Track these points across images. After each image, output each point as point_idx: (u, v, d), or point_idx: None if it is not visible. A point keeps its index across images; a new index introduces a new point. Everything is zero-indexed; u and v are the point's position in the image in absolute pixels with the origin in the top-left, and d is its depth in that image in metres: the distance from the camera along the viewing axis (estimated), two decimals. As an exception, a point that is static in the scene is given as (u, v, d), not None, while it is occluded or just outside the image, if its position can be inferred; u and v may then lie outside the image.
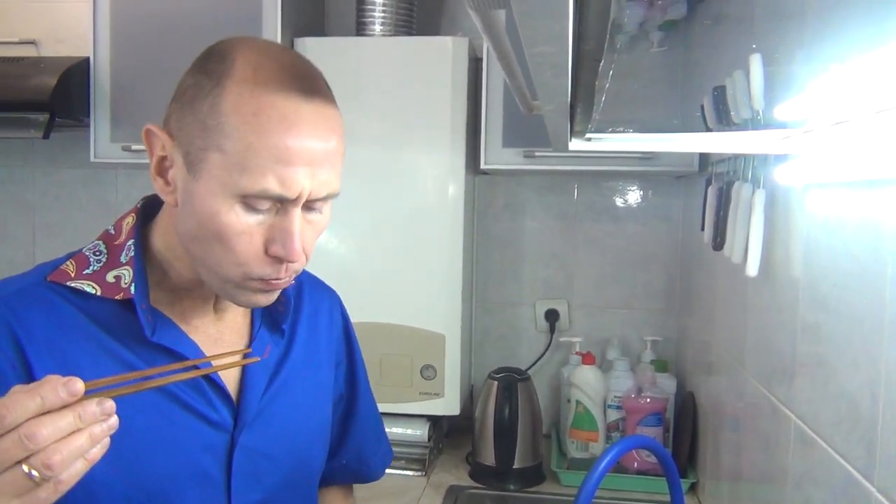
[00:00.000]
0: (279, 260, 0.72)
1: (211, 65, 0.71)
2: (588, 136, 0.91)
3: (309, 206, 0.73)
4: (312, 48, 1.74)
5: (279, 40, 1.69)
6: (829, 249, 0.90)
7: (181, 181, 0.72)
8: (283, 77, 0.69)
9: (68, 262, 0.77)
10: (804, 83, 0.96)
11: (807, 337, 0.95)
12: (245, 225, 0.70)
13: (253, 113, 0.67)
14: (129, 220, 0.79)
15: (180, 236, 0.75)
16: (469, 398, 1.93)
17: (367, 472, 1.06)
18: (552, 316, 1.97)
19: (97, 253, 0.77)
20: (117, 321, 0.74)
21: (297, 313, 0.91)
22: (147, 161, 0.75)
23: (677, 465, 1.13)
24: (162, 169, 0.74)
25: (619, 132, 0.96)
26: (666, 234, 1.94)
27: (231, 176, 0.68)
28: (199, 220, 0.70)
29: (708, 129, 1.30)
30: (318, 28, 2.00)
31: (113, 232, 0.79)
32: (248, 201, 0.69)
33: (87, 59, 1.79)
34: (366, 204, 1.70)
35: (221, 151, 0.68)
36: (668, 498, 1.53)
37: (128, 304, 0.74)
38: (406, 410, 1.70)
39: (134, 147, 1.78)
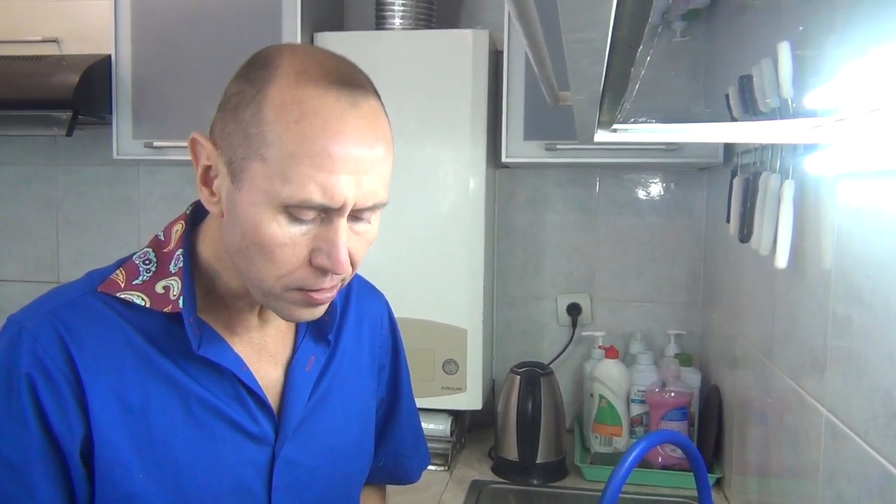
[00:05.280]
0: (323, 271, 0.70)
1: (254, 72, 0.70)
2: (615, 127, 0.90)
3: (356, 215, 0.71)
4: (331, 43, 1.73)
5: (298, 35, 1.69)
6: (862, 240, 0.88)
7: (225, 191, 0.71)
8: (326, 83, 0.67)
9: (118, 272, 0.76)
10: (835, 70, 0.94)
11: (838, 330, 0.93)
12: (288, 236, 0.68)
13: (295, 120, 0.66)
14: (179, 228, 0.78)
15: (226, 247, 0.74)
16: (491, 393, 1.92)
17: (404, 475, 1.06)
18: (574, 310, 1.96)
19: (146, 262, 0.77)
20: (164, 333, 0.74)
21: (343, 319, 0.90)
22: (169, 158, 0.74)
23: (703, 460, 1.12)
24: (207, 179, 0.73)
25: (644, 122, 0.94)
26: (689, 226, 1.92)
27: (273, 185, 0.66)
28: (243, 231, 0.69)
29: (733, 119, 1.28)
30: (337, 23, 2.00)
31: (163, 238, 0.78)
32: (292, 211, 0.67)
33: (109, 57, 1.80)
34: (390, 201, 1.69)
35: (263, 160, 0.67)
36: (692, 493, 1.51)
37: (175, 316, 0.74)
38: (428, 405, 1.70)
39: (156, 144, 1.78)
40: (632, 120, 0.91)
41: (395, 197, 1.67)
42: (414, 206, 1.71)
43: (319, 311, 0.76)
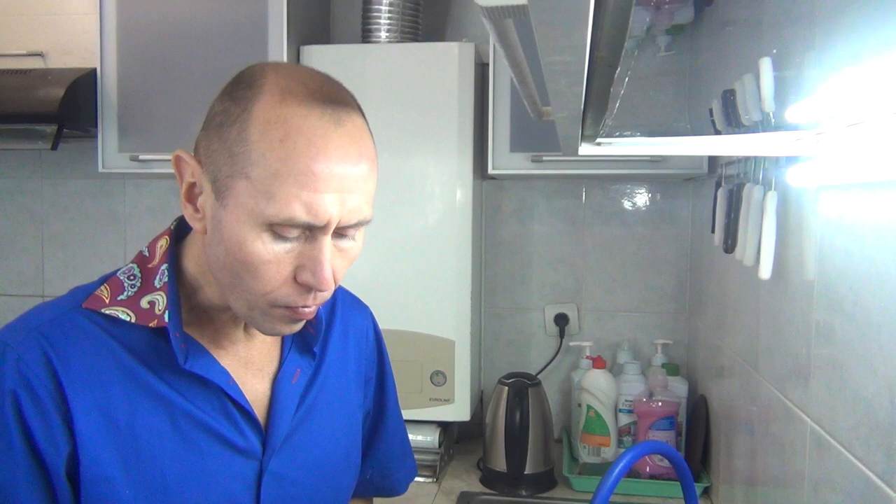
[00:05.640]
0: (308, 288, 0.70)
1: (239, 91, 0.70)
2: (598, 140, 0.91)
3: (340, 233, 0.71)
4: (318, 56, 1.74)
5: (285, 49, 1.70)
6: (844, 252, 0.89)
7: (210, 209, 0.71)
8: (310, 102, 0.68)
9: (103, 287, 0.76)
10: (815, 86, 0.96)
11: (822, 340, 0.94)
12: (273, 254, 0.68)
13: (279, 139, 0.66)
14: (163, 243, 0.78)
15: (209, 263, 0.74)
16: (479, 404, 1.92)
17: (391, 488, 1.06)
18: (562, 320, 1.96)
19: (131, 277, 0.77)
20: (150, 348, 0.74)
21: (329, 332, 0.90)
22: (155, 171, 0.74)
23: (690, 469, 1.12)
24: (191, 196, 0.73)
25: (628, 136, 0.95)
26: (675, 236, 1.94)
27: (258, 204, 0.67)
28: (227, 248, 0.69)
29: (717, 132, 1.30)
30: (323, 36, 2.00)
31: (147, 254, 0.78)
32: (276, 229, 0.68)
33: (94, 71, 1.80)
34: (374, 211, 1.69)
35: (248, 179, 0.67)
36: (680, 502, 1.52)
37: (161, 330, 0.74)
38: (416, 416, 1.70)
39: (141, 157, 1.78)
40: (616, 133, 0.92)
41: (382, 208, 1.68)
42: (401, 218, 1.71)
43: (299, 326, 0.76)
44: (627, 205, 1.96)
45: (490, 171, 1.71)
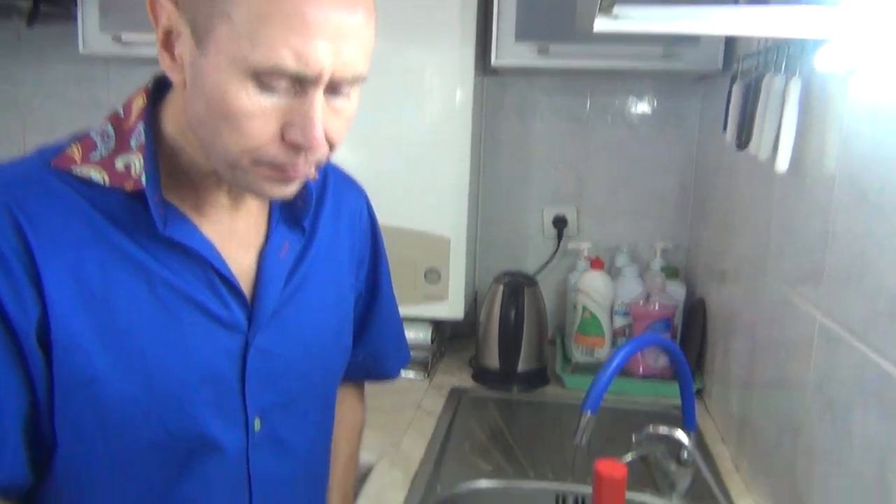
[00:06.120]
0: (297, 148, 0.64)
1: None
2: (615, 12, 0.84)
3: (334, 88, 0.64)
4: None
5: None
6: (872, 139, 0.84)
7: (188, 56, 0.64)
8: None
9: (73, 146, 0.69)
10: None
11: (840, 233, 0.90)
12: (258, 107, 0.62)
13: None
14: (139, 101, 0.71)
15: (189, 120, 0.67)
16: (473, 305, 1.90)
17: (382, 372, 1.04)
18: (560, 222, 1.92)
19: (105, 136, 0.70)
20: (126, 214, 0.68)
21: (320, 209, 0.84)
22: (141, 54, 0.67)
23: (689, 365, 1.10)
24: (168, 43, 0.65)
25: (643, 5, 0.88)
26: (681, 139, 1.87)
27: (240, 49, 0.60)
28: (208, 101, 0.63)
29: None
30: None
31: (122, 114, 0.71)
32: (262, 79, 0.61)
33: (72, -61, 1.68)
34: (370, 104, 1.61)
35: (229, 21, 0.60)
36: (672, 402, 1.52)
37: (138, 195, 0.68)
38: (409, 314, 1.67)
39: (125, 38, 1.68)
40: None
41: (379, 101, 1.61)
42: (399, 111, 1.63)
43: (291, 190, 0.70)
44: (634, 105, 1.89)
45: (493, 62, 1.62)
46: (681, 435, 1.06)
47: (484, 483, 1.23)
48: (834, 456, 0.88)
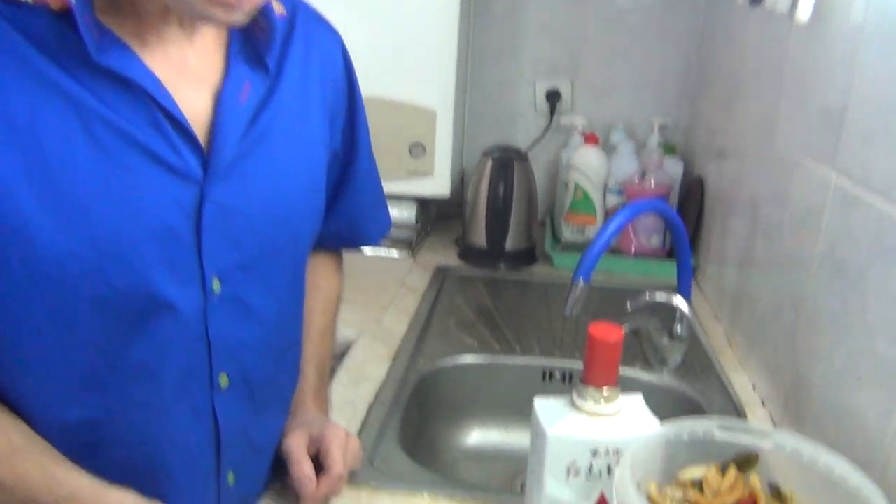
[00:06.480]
0: None
1: None
2: None
3: None
4: None
5: None
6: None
7: None
8: None
9: None
10: None
11: (865, 85, 0.82)
12: None
13: None
14: None
15: None
16: (460, 184, 1.81)
17: (360, 239, 0.95)
18: (554, 97, 1.81)
19: None
20: (54, 39, 0.58)
21: (287, 47, 0.74)
22: None
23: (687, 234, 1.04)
24: None
25: None
26: (687, 7, 1.74)
27: None
28: None
29: None
30: None
31: None
32: None
33: None
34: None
35: None
36: (663, 281, 1.47)
37: (68, 16, 0.57)
38: (393, 190, 1.59)
39: None
40: None
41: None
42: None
43: (239, 17, 0.61)
44: (637, -32, 1.74)
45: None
46: (679, 301, 1.00)
47: (469, 358, 1.19)
48: (840, 326, 0.82)
